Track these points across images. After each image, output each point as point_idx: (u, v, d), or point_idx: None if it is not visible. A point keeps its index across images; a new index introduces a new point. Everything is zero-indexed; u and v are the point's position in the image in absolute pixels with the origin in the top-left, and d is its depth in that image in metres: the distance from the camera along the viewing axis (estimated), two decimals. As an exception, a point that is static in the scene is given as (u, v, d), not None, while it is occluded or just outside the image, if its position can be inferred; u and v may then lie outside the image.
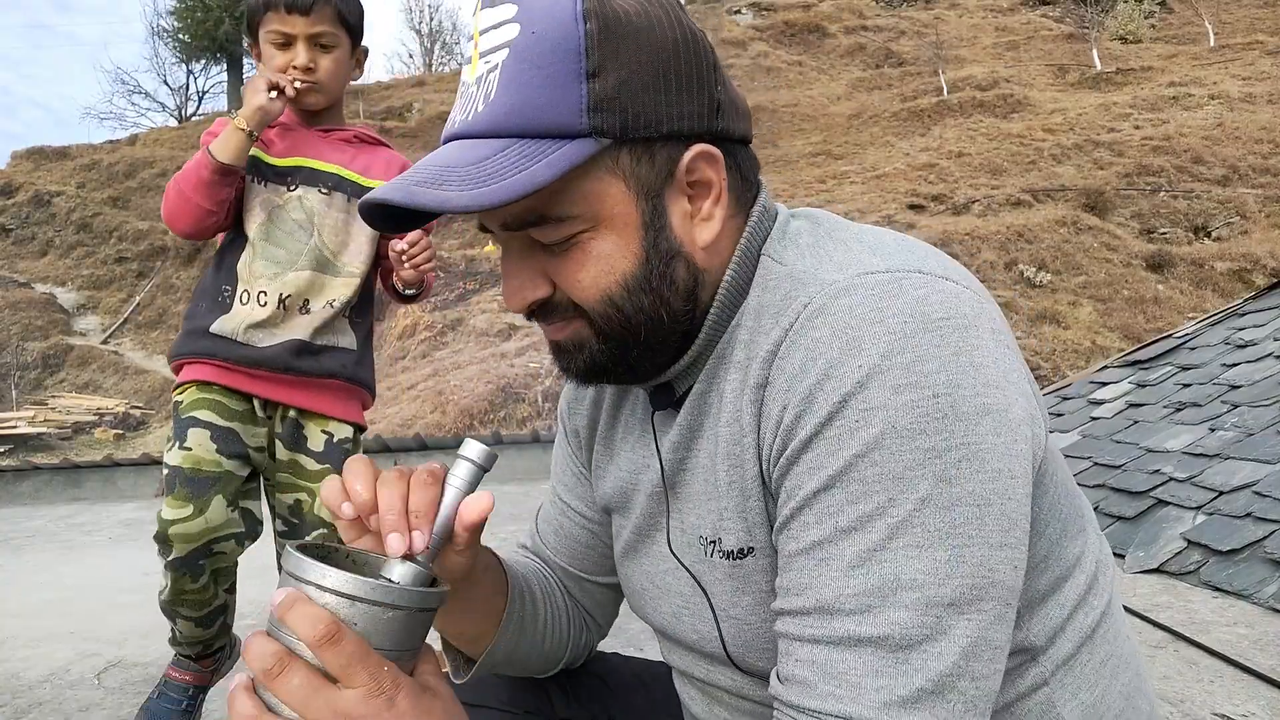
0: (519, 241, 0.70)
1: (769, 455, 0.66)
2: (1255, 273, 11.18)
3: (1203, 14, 23.22)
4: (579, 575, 0.97)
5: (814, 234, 0.73)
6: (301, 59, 1.66)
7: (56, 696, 2.21)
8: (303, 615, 0.55)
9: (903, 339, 0.59)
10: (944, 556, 0.57)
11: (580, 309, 0.70)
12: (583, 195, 0.66)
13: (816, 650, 0.60)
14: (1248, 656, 2.10)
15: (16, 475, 6.38)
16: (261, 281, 1.68)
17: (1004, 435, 0.59)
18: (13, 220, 19.34)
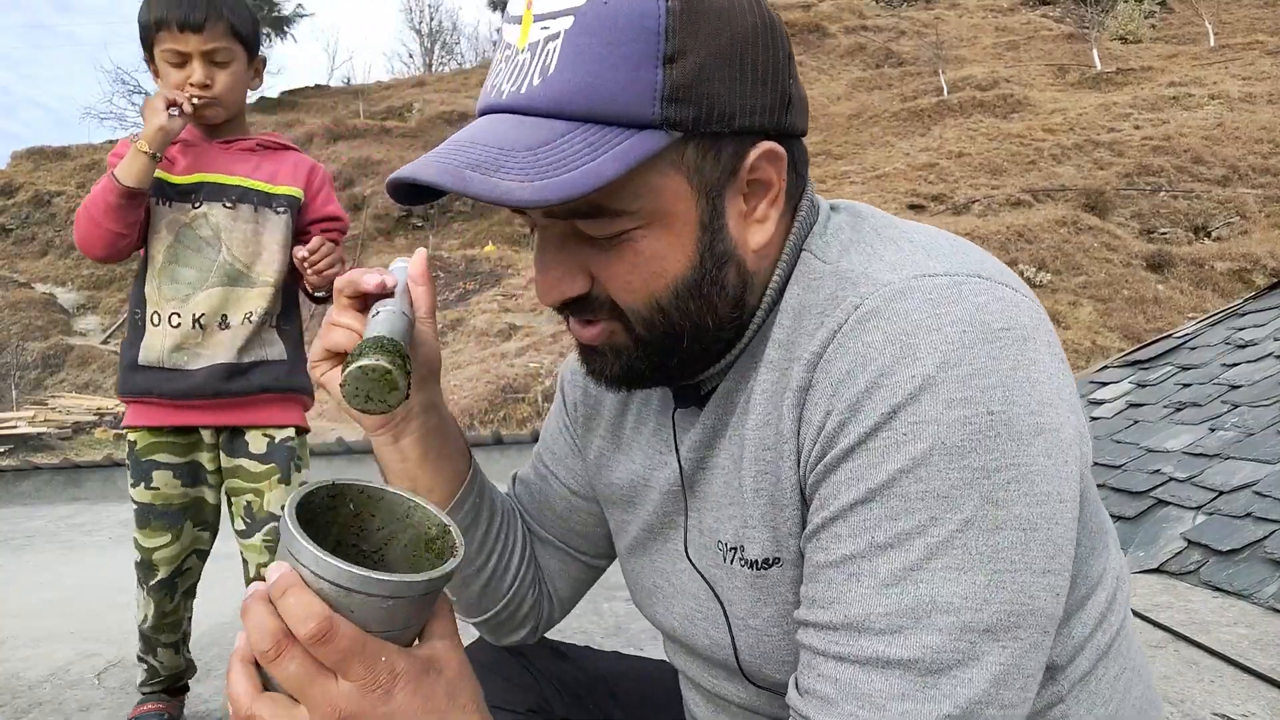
0: (560, 230, 0.64)
1: (806, 461, 0.62)
2: (1255, 273, 11.18)
3: (1203, 14, 23.21)
4: (548, 538, 0.94)
5: (858, 229, 0.69)
6: (197, 76, 1.66)
7: (56, 696, 2.21)
8: (295, 608, 0.52)
9: (960, 349, 0.55)
10: (983, 581, 0.54)
11: (619, 310, 0.65)
12: (643, 190, 0.61)
13: (841, 668, 0.57)
14: (1248, 656, 2.10)
15: (16, 475, 6.38)
16: (173, 303, 1.71)
17: (1055, 457, 0.56)
18: (13, 220, 19.34)
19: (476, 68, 31.94)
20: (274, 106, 27.13)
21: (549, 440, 0.96)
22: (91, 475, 6.36)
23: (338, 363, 0.74)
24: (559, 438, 0.94)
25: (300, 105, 26.98)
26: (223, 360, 1.71)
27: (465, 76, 29.67)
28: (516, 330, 11.97)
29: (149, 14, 1.67)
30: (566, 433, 0.94)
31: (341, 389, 0.62)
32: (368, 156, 19.92)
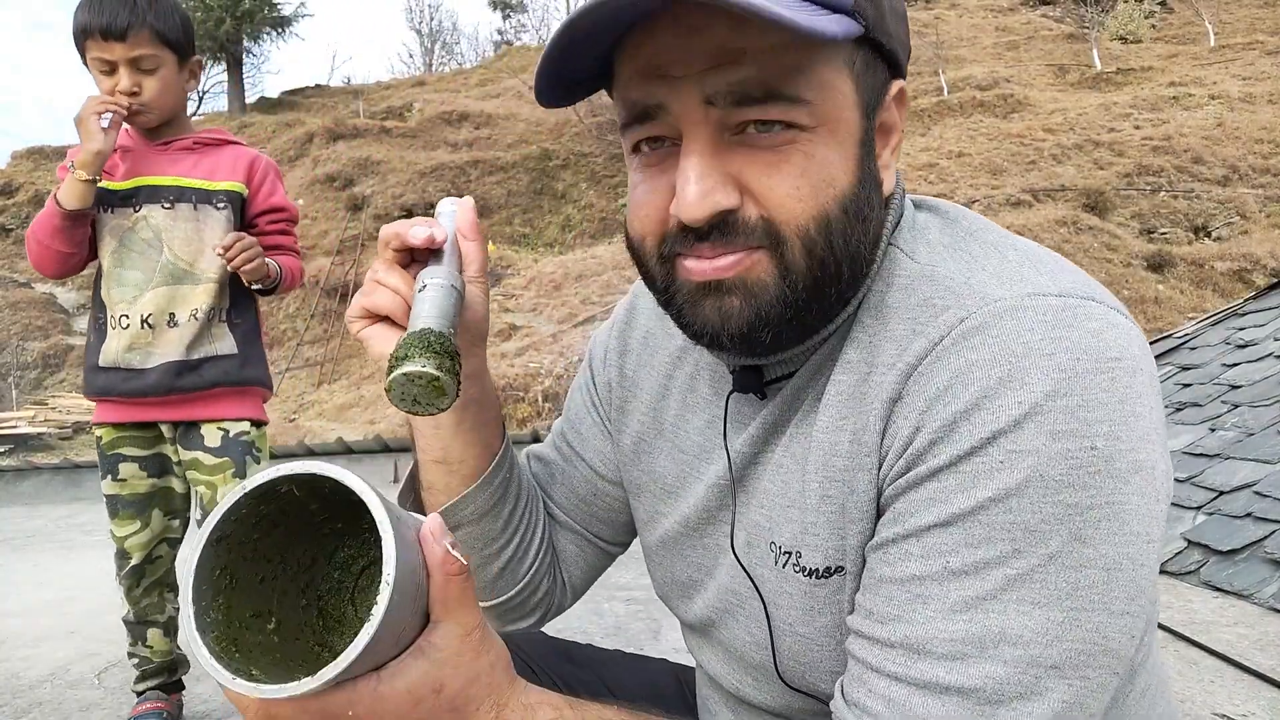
0: (712, 130, 0.58)
1: (886, 474, 0.59)
2: (1255, 273, 11.18)
3: (1203, 14, 23.21)
4: (566, 521, 0.91)
5: (949, 231, 0.65)
6: (124, 84, 1.68)
7: (57, 696, 2.21)
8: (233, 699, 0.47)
9: (1072, 378, 0.52)
10: (1059, 618, 0.52)
11: (774, 234, 0.59)
12: (820, 82, 0.57)
13: (895, 686, 0.55)
14: (1248, 656, 2.10)
15: (16, 475, 6.38)
16: (121, 305, 1.76)
17: (1148, 496, 0.53)
18: (13, 220, 19.34)
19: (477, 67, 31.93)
20: (274, 106, 27.14)
21: (574, 419, 0.92)
22: (91, 475, 6.36)
23: (375, 321, 0.70)
24: (585, 417, 0.90)
25: (300, 105, 26.98)
26: (173, 358, 1.76)
27: (465, 76, 29.67)
28: (517, 330, 11.97)
29: (76, 21, 1.69)
30: (595, 412, 0.89)
31: (387, 393, 0.59)
32: (368, 156, 19.92)
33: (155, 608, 1.88)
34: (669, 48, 0.57)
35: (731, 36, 0.55)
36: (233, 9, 26.61)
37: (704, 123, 0.58)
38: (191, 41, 1.80)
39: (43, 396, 13.62)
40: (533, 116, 22.01)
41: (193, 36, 1.81)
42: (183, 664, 1.97)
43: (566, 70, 0.61)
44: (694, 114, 0.58)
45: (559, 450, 0.92)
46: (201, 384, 1.79)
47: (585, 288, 13.09)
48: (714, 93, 0.57)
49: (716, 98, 0.57)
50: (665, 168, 0.61)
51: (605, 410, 0.89)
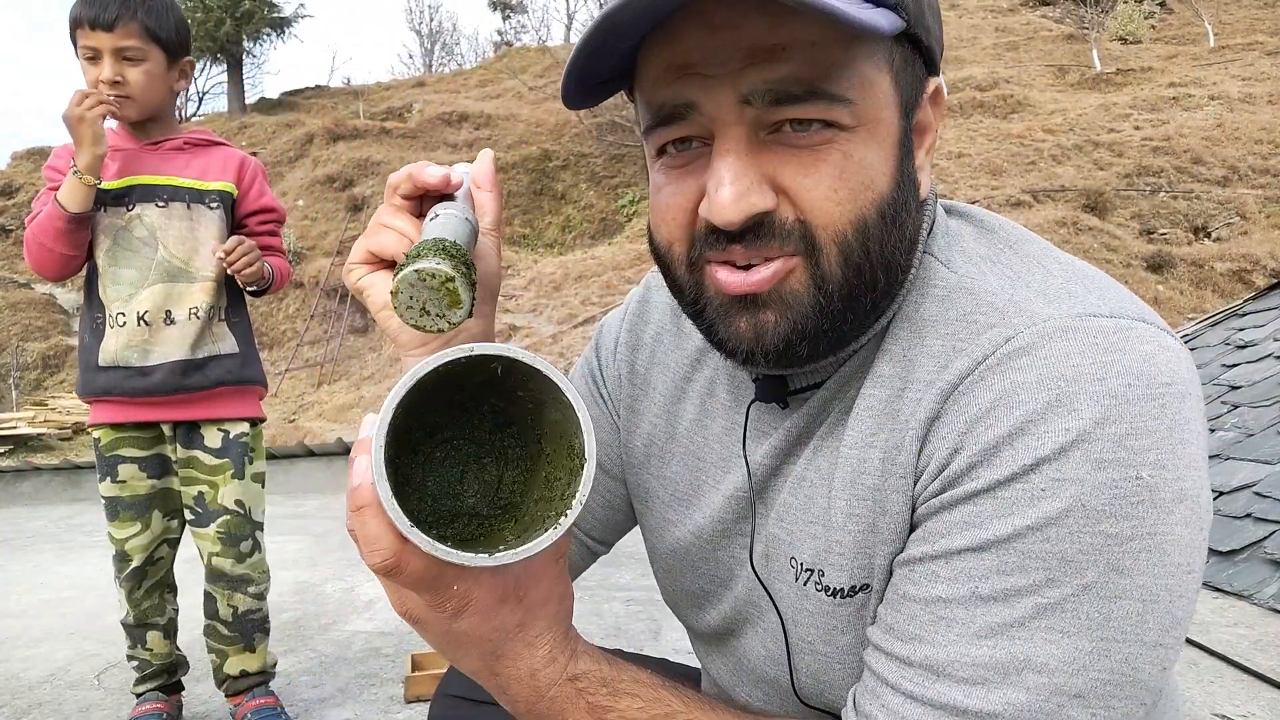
0: (747, 130, 0.56)
1: (919, 494, 0.57)
2: (1255, 273, 11.18)
3: (1202, 14, 23.21)
4: None
5: (986, 242, 0.63)
6: (106, 73, 1.70)
7: (56, 697, 2.21)
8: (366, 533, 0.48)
9: (1123, 405, 0.50)
10: (1088, 648, 0.50)
11: (810, 239, 0.56)
12: (861, 80, 0.55)
13: (909, 705, 0.54)
14: (1248, 657, 2.10)
15: (16, 475, 6.38)
16: (118, 304, 1.77)
17: (1192, 526, 0.51)
18: (13, 220, 19.33)
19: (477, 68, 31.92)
20: (274, 107, 27.14)
21: None
22: (91, 476, 6.34)
23: (379, 268, 0.64)
24: (591, 407, 0.87)
25: (300, 106, 26.97)
26: (177, 357, 1.77)
27: (465, 77, 29.67)
28: (517, 331, 11.96)
29: (71, 12, 1.73)
30: (600, 402, 0.87)
31: (394, 297, 0.51)
32: (368, 157, 19.92)
33: (155, 610, 1.87)
34: (699, 45, 0.55)
35: (770, 32, 0.53)
36: (232, 10, 26.59)
37: (739, 122, 0.55)
38: (184, 42, 1.82)
39: (42, 397, 13.62)
40: (532, 117, 22.01)
41: (186, 38, 1.83)
42: (182, 665, 1.97)
43: (594, 71, 0.59)
44: (729, 113, 0.55)
45: None
46: (206, 383, 1.80)
47: (585, 288, 13.09)
48: (751, 91, 0.54)
49: (754, 96, 0.54)
50: (694, 169, 0.59)
51: (613, 405, 0.86)
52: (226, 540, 1.83)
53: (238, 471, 1.83)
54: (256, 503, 1.89)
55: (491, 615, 0.52)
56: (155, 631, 1.87)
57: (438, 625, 0.52)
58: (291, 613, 2.91)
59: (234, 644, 1.88)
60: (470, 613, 0.51)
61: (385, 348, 12.85)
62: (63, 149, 1.75)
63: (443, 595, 0.50)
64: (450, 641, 0.54)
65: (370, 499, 0.47)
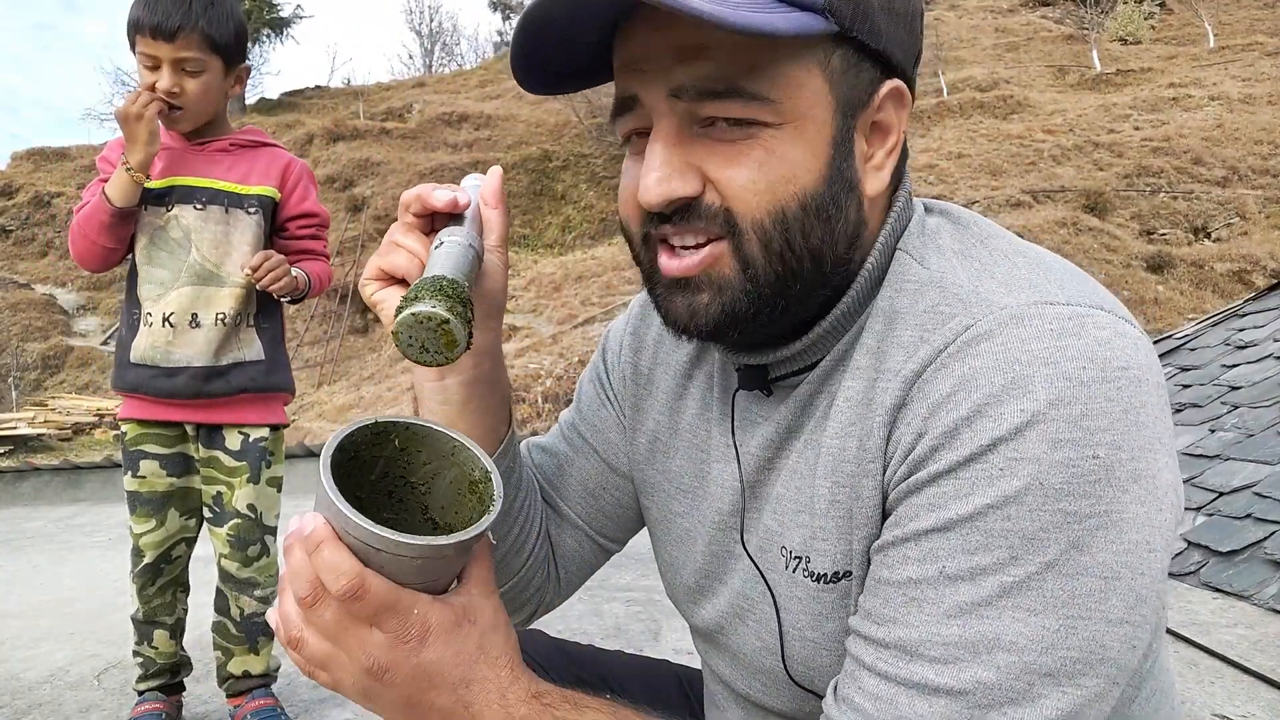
0: (676, 122, 0.60)
1: (890, 479, 0.60)
2: (1255, 273, 11.17)
3: (1202, 15, 23.22)
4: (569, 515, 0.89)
5: (960, 238, 0.65)
6: (164, 83, 1.69)
7: (56, 697, 2.21)
8: (327, 563, 0.53)
9: (1077, 387, 0.52)
10: (1054, 625, 0.52)
11: (732, 224, 0.60)
12: (786, 80, 0.58)
13: (884, 685, 0.56)
14: (1248, 657, 2.10)
15: (16, 476, 6.38)
16: (149, 303, 1.78)
17: (1149, 505, 0.53)
18: (13, 221, 19.33)
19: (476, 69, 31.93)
20: (274, 107, 27.13)
21: (587, 411, 0.91)
22: (91, 476, 6.36)
23: (391, 284, 0.69)
24: (600, 410, 0.90)
25: (300, 106, 26.97)
26: (200, 362, 1.77)
27: (465, 77, 29.68)
28: (516, 331, 11.97)
29: (131, 16, 1.71)
30: (608, 405, 0.89)
31: (395, 337, 0.57)
32: (368, 157, 19.92)
33: (165, 608, 1.87)
34: (641, 42, 0.60)
35: (693, 33, 0.57)
36: (233, 10, 26.58)
37: (669, 114, 0.60)
38: (243, 48, 1.80)
39: (42, 397, 13.62)
40: (532, 118, 22.01)
41: (244, 43, 1.81)
42: (185, 666, 1.97)
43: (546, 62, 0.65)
44: (661, 105, 0.60)
45: (569, 441, 0.91)
46: (228, 390, 1.80)
47: (585, 289, 13.09)
48: (679, 86, 0.59)
49: (682, 91, 0.59)
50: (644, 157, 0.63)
51: (619, 405, 0.88)
52: (235, 543, 1.83)
53: (253, 476, 1.84)
54: (270, 507, 1.88)
55: (453, 638, 0.56)
56: (162, 630, 1.87)
57: (406, 666, 0.55)
58: (291, 613, 2.90)
59: (239, 644, 1.89)
60: (433, 637, 0.55)
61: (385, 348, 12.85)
62: (115, 142, 1.75)
63: (405, 621, 0.54)
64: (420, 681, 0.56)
65: (325, 534, 0.53)
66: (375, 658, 0.54)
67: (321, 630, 0.55)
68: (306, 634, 0.55)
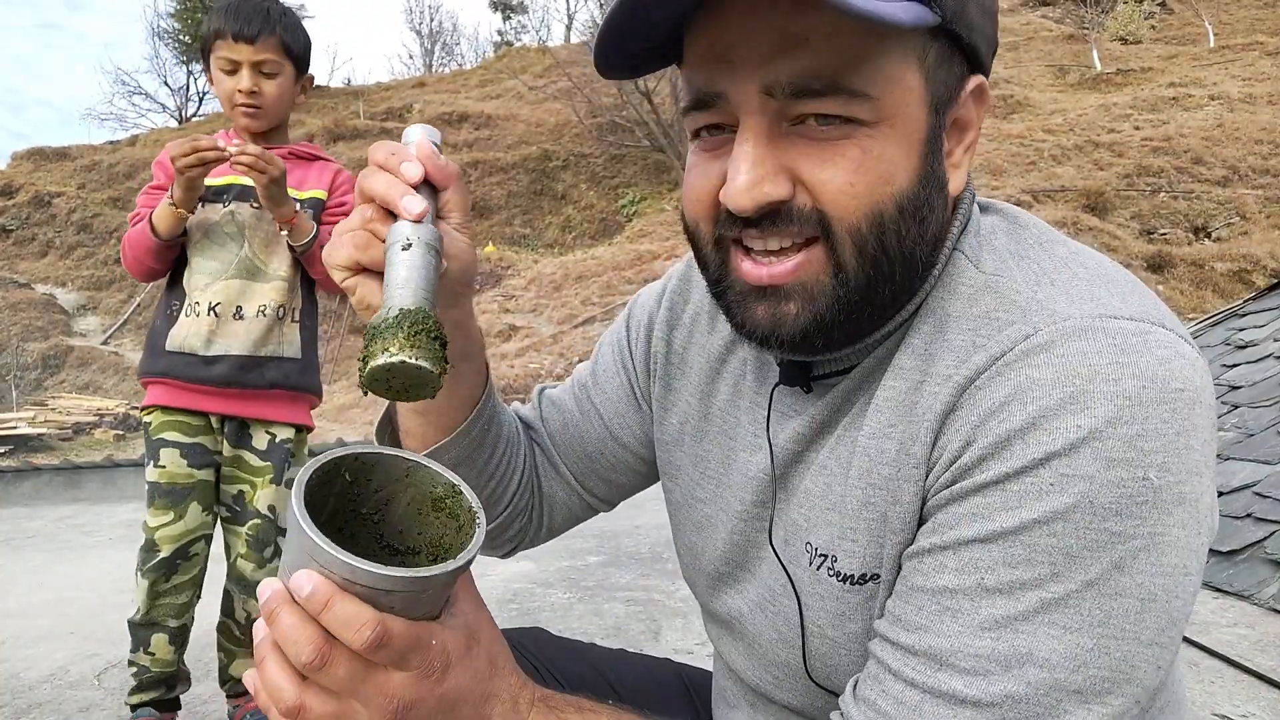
0: (769, 120, 0.57)
1: (931, 485, 0.58)
2: (1255, 273, 11.17)
3: (1202, 15, 23.21)
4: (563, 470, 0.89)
5: (1017, 239, 0.64)
6: (245, 84, 1.81)
7: (56, 697, 2.21)
8: (343, 618, 0.50)
9: (1136, 407, 0.51)
10: (1089, 644, 0.51)
11: (827, 228, 0.57)
12: (886, 75, 0.55)
13: (909, 692, 0.55)
14: (1248, 657, 2.10)
15: (16, 476, 6.38)
16: (196, 292, 1.83)
17: (1190, 529, 0.52)
18: (13, 221, 19.33)
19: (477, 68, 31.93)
20: (274, 107, 27.11)
21: (601, 376, 0.89)
22: (91, 476, 6.36)
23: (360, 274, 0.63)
24: (615, 377, 0.88)
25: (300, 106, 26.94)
26: (238, 352, 1.81)
27: (465, 77, 29.67)
28: (516, 331, 11.97)
29: (210, 25, 1.84)
30: (625, 374, 0.88)
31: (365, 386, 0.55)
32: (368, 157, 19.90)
33: (172, 611, 1.80)
34: (732, 29, 0.56)
35: (795, 21, 0.54)
36: (233, 10, 26.59)
37: (760, 112, 0.57)
38: (309, 58, 1.91)
39: (43, 397, 13.62)
40: (532, 117, 22.00)
41: (310, 55, 1.92)
42: (184, 680, 1.90)
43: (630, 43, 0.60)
44: (752, 103, 0.57)
45: (577, 401, 0.90)
46: (262, 383, 1.84)
47: (585, 288, 13.09)
48: (773, 82, 0.55)
49: (775, 88, 0.55)
50: (720, 155, 0.60)
51: (642, 379, 0.87)
52: (253, 544, 1.84)
53: (276, 476, 1.86)
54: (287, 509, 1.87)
55: (469, 662, 0.56)
56: (162, 635, 1.80)
57: (431, 699, 0.53)
58: (291, 613, 2.90)
59: (243, 646, 1.88)
60: (454, 666, 0.54)
61: (385, 348, 12.85)
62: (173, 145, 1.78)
63: (428, 655, 0.53)
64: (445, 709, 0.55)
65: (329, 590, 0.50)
66: (399, 698, 0.52)
67: (334, 687, 0.52)
68: (308, 698, 0.52)
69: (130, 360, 15.07)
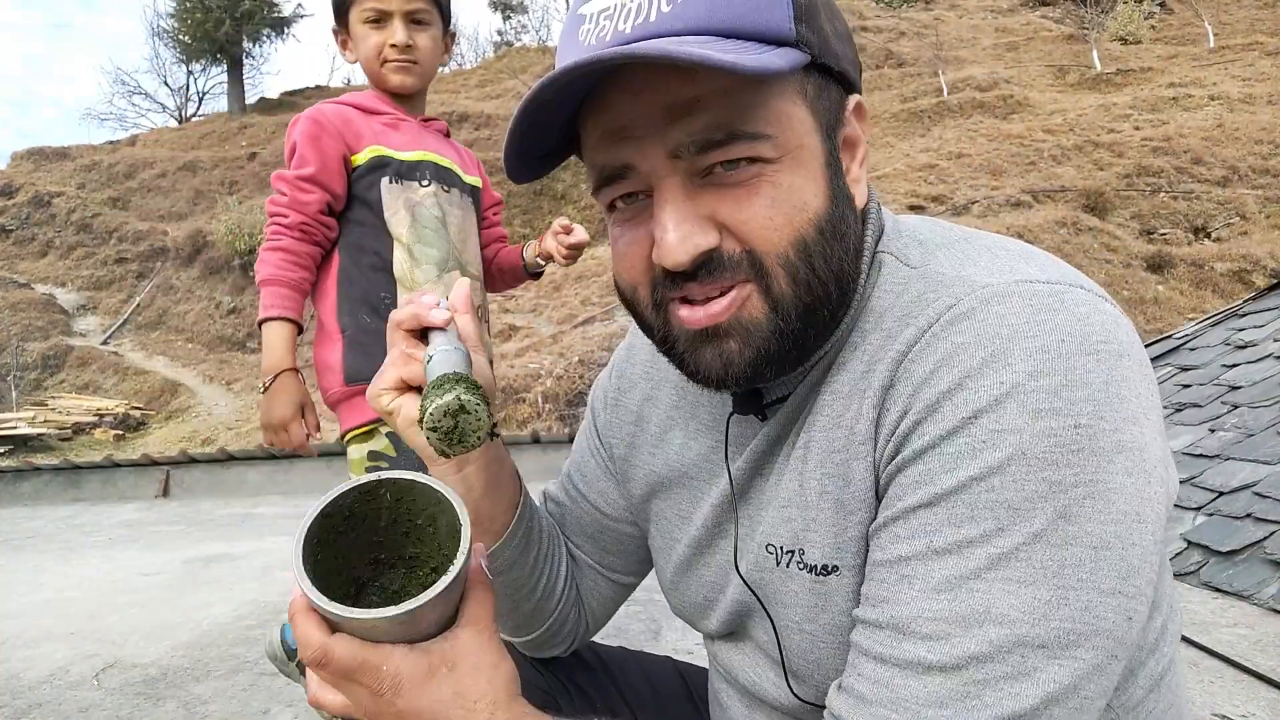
0: (681, 179, 0.60)
1: (880, 461, 0.60)
2: (1255, 273, 11.17)
3: (1202, 15, 23.22)
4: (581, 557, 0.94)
5: (940, 234, 0.67)
6: (399, 36, 1.60)
7: (56, 697, 2.20)
8: (299, 636, 0.57)
9: (1056, 359, 0.53)
10: (1045, 596, 0.51)
11: (757, 264, 0.60)
12: (777, 115, 0.59)
13: (880, 668, 0.56)
14: (1248, 657, 2.10)
15: (16, 476, 6.38)
16: (429, 285, 1.59)
17: (1136, 476, 0.53)
18: (13, 221, 19.33)
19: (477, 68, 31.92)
20: (274, 107, 27.13)
21: (579, 462, 0.95)
22: (91, 476, 6.36)
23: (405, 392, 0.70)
24: (589, 460, 0.94)
25: (300, 106, 26.93)
26: None
27: (465, 77, 29.67)
28: (516, 331, 11.97)
29: None
30: (598, 455, 0.93)
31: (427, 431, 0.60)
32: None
33: None
34: (625, 110, 0.60)
35: (682, 89, 0.57)
36: (233, 10, 26.58)
37: (673, 174, 0.60)
38: (450, 14, 1.73)
39: (43, 397, 13.62)
40: (533, 117, 21.95)
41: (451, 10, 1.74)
42: None
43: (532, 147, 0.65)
44: (662, 168, 0.60)
45: (567, 492, 0.95)
46: None
47: (585, 288, 13.09)
48: (677, 144, 0.58)
49: (681, 149, 0.59)
50: (643, 219, 0.63)
51: (608, 452, 0.92)
52: None
53: None
54: None
55: (425, 688, 0.58)
56: None
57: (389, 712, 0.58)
58: (291, 613, 2.90)
59: None
60: (405, 689, 0.57)
61: (385, 348, 12.84)
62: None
63: (377, 677, 0.57)
64: None
65: (298, 608, 0.57)
66: (365, 706, 0.59)
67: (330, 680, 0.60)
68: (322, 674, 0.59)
69: (130, 361, 15.06)
